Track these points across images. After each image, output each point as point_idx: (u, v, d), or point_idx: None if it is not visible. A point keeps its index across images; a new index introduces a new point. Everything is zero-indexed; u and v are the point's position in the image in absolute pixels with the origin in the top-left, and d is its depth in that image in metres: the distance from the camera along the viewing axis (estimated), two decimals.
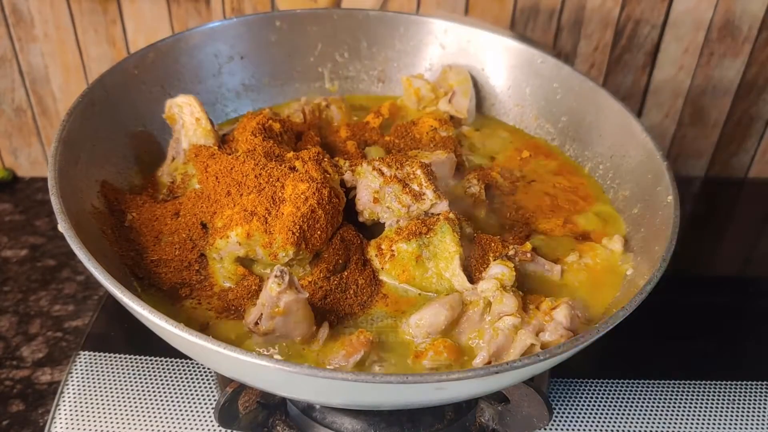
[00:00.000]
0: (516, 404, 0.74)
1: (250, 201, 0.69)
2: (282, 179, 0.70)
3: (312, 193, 0.69)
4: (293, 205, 0.68)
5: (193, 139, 0.78)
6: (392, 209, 0.73)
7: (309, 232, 0.69)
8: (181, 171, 0.80)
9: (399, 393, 0.59)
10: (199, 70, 0.92)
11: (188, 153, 0.78)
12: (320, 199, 0.69)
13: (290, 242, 0.67)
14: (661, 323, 0.96)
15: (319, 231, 0.69)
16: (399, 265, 0.72)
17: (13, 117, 1.21)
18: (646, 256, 0.72)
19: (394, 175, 0.74)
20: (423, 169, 0.74)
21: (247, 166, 0.72)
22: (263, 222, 0.68)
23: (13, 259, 1.07)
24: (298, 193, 0.69)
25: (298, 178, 0.70)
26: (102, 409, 0.82)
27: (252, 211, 0.68)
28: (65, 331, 0.97)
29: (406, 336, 0.68)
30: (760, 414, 0.86)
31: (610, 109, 0.86)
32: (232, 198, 0.71)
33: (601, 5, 1.11)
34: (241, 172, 0.72)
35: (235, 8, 1.11)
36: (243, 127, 0.79)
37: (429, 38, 0.98)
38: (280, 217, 0.68)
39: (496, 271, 0.70)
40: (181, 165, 0.80)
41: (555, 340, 0.66)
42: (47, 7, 1.10)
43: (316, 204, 0.69)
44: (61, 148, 0.70)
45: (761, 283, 1.10)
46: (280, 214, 0.69)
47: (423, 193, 0.73)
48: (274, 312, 0.63)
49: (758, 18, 1.13)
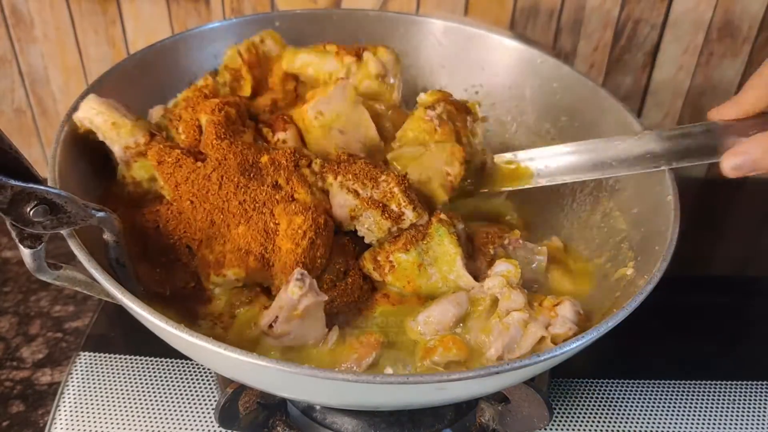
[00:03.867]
0: (516, 404, 0.74)
1: (241, 236, 0.67)
2: (269, 204, 0.68)
3: (309, 226, 0.67)
4: (292, 241, 0.66)
5: (122, 142, 0.72)
6: (372, 231, 0.72)
7: (310, 264, 0.67)
8: (139, 176, 0.74)
9: (399, 393, 0.59)
10: (199, 71, 0.92)
11: (150, 159, 0.72)
12: (317, 229, 0.67)
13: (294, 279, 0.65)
14: (661, 323, 0.96)
15: (320, 259, 0.68)
16: (403, 277, 0.71)
17: (13, 118, 1.21)
18: (646, 256, 0.72)
19: (371, 197, 0.71)
20: (400, 186, 0.71)
21: (225, 190, 0.68)
22: (260, 259, 0.66)
23: (14, 260, 1.07)
24: (295, 228, 0.67)
25: (292, 210, 0.67)
26: (102, 410, 0.82)
27: (246, 250, 0.66)
28: (65, 332, 0.97)
29: (413, 334, 0.68)
30: (760, 414, 0.86)
31: (610, 109, 0.86)
32: (219, 229, 0.67)
33: (600, 5, 1.11)
34: (220, 197, 0.68)
35: (234, 8, 1.11)
36: (191, 107, 0.75)
37: (429, 38, 0.98)
38: (278, 253, 0.66)
39: (501, 268, 0.70)
40: (135, 168, 0.74)
41: (564, 332, 0.66)
42: (47, 8, 1.10)
43: (315, 236, 0.67)
44: (61, 149, 0.70)
45: (761, 283, 1.10)
46: (277, 248, 0.67)
47: (402, 213, 0.71)
48: (293, 315, 0.62)
49: (758, 18, 1.13)
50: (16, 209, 0.54)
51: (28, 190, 0.54)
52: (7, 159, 0.52)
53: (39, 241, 0.59)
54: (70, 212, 0.58)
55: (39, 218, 0.55)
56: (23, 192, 0.53)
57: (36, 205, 0.55)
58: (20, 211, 0.54)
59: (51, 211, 0.56)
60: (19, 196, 0.53)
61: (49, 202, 0.56)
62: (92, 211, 0.61)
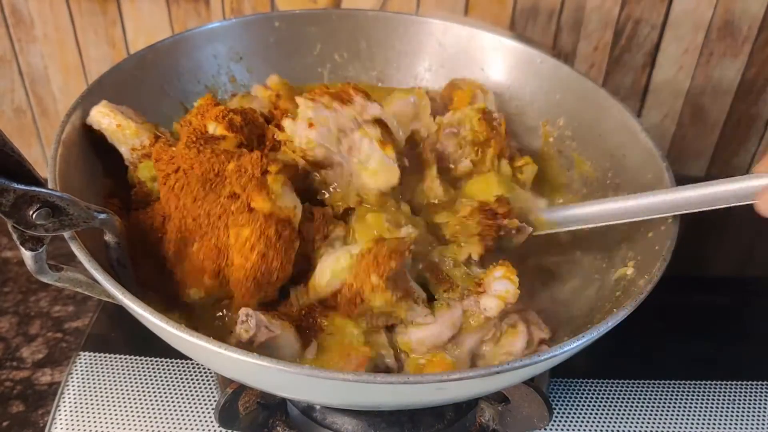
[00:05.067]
0: (516, 404, 0.74)
1: (195, 253, 0.65)
2: (224, 217, 0.65)
3: (257, 238, 0.63)
4: (241, 255, 0.64)
5: (128, 144, 0.75)
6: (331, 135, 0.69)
7: (265, 278, 0.64)
8: (143, 176, 0.75)
9: (400, 393, 0.59)
10: (198, 71, 0.92)
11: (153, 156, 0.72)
12: (267, 241, 0.64)
13: (248, 295, 0.64)
14: (661, 323, 0.96)
15: (277, 272, 0.65)
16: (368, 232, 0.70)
17: (13, 118, 1.21)
18: (646, 255, 0.72)
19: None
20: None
21: (184, 203, 0.66)
22: (216, 276, 0.65)
23: (14, 260, 1.07)
24: (242, 241, 0.64)
25: (239, 222, 0.64)
26: (102, 410, 0.82)
27: (201, 268, 0.65)
28: (65, 332, 0.97)
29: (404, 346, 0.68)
30: (760, 414, 0.86)
31: (610, 109, 0.86)
32: (182, 245, 0.66)
33: (600, 5, 1.11)
34: (182, 211, 0.66)
35: (234, 9, 1.11)
36: (201, 114, 0.73)
37: (429, 39, 0.98)
38: (231, 268, 0.64)
39: (499, 288, 0.69)
40: (140, 169, 0.75)
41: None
42: (47, 8, 1.10)
43: (265, 248, 0.64)
44: (61, 149, 0.70)
45: (761, 283, 1.10)
46: (230, 263, 0.64)
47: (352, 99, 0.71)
48: (252, 348, 0.61)
49: (758, 18, 1.13)
50: (19, 212, 0.54)
51: (31, 193, 0.54)
52: (9, 162, 0.52)
53: (40, 243, 0.59)
54: (72, 214, 0.58)
55: (41, 221, 0.55)
56: (26, 195, 0.53)
57: (39, 208, 0.55)
58: (23, 213, 0.54)
59: (53, 213, 0.56)
60: (21, 199, 0.53)
61: (52, 204, 0.56)
62: (94, 213, 0.61)
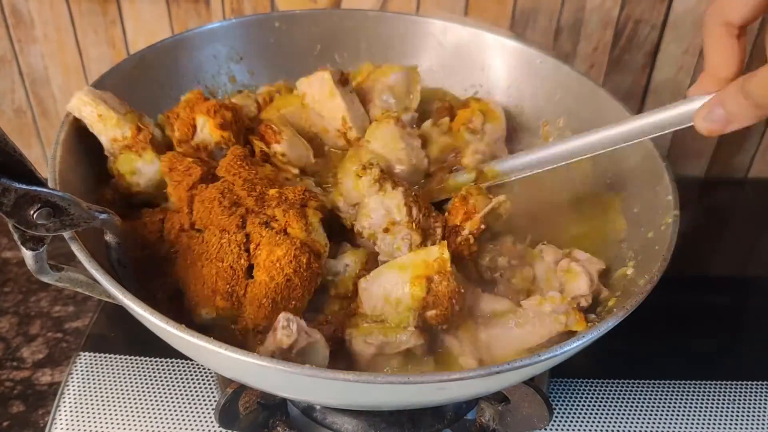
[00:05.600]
0: (516, 404, 0.74)
1: (208, 273, 0.64)
2: (254, 238, 0.65)
3: (288, 261, 0.63)
4: (267, 274, 0.63)
5: (108, 134, 0.73)
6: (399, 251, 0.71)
7: (282, 302, 0.64)
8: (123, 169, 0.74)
9: (401, 393, 0.59)
10: (198, 71, 0.92)
11: (161, 167, 0.72)
12: (298, 267, 0.64)
13: (261, 316, 0.63)
14: (661, 323, 0.96)
15: (294, 302, 0.64)
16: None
17: (13, 118, 1.21)
18: (646, 255, 0.72)
19: (418, 222, 0.71)
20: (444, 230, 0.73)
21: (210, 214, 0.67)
22: (228, 299, 0.64)
23: (14, 260, 1.07)
24: (273, 259, 0.63)
25: (275, 241, 0.64)
26: (102, 410, 0.82)
27: (213, 288, 0.64)
28: (65, 332, 0.97)
29: None
30: (760, 414, 0.86)
31: (610, 108, 0.86)
32: (195, 261, 0.66)
33: (600, 5, 1.11)
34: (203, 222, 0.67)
35: (234, 9, 1.11)
36: (189, 107, 0.75)
37: (428, 39, 0.98)
38: (251, 286, 0.64)
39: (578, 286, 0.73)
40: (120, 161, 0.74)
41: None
42: (47, 9, 1.10)
43: (293, 273, 0.63)
44: (61, 150, 0.70)
45: (761, 283, 1.10)
46: (250, 283, 0.64)
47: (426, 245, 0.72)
48: (288, 357, 0.61)
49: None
50: (20, 212, 0.54)
51: (32, 193, 0.54)
52: (11, 162, 0.52)
53: (41, 243, 0.59)
54: (73, 214, 0.58)
55: (42, 221, 0.55)
56: (27, 195, 0.53)
57: (39, 207, 0.55)
58: (24, 213, 0.54)
59: (54, 213, 0.56)
60: (22, 198, 0.53)
61: (53, 204, 0.56)
62: (95, 213, 0.61)
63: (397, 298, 0.66)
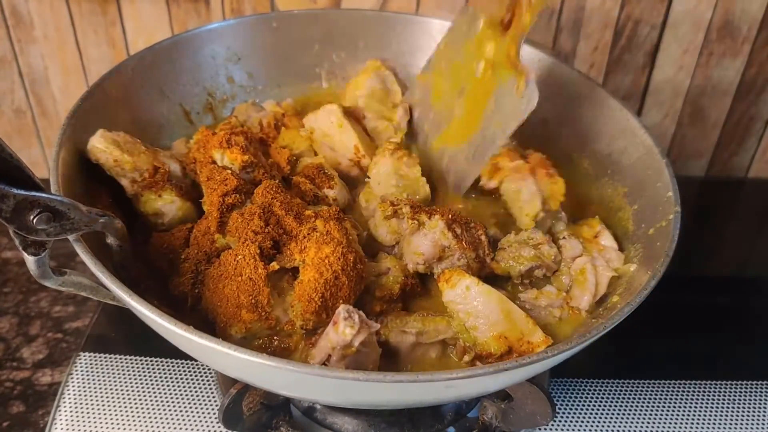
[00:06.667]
0: (519, 402, 0.74)
1: (229, 290, 0.65)
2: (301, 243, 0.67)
3: (337, 258, 0.65)
4: (316, 271, 0.64)
5: (128, 176, 0.74)
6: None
7: (331, 299, 0.64)
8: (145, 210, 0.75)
9: (409, 392, 0.59)
10: (197, 72, 0.92)
11: (200, 178, 0.75)
12: (345, 265, 0.65)
13: (311, 311, 0.64)
14: (661, 323, 0.96)
15: (342, 300, 0.65)
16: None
17: (13, 118, 1.21)
18: (648, 252, 0.72)
19: (464, 239, 0.72)
20: (486, 235, 0.75)
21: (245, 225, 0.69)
22: (254, 310, 0.64)
23: (14, 260, 1.07)
24: (322, 257, 0.65)
25: (323, 240, 0.66)
26: (102, 410, 0.82)
27: (236, 303, 0.65)
28: (65, 333, 0.97)
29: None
30: (760, 414, 0.86)
31: (609, 108, 0.86)
32: (217, 281, 0.67)
33: (600, 5, 1.11)
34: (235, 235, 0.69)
35: (234, 9, 1.11)
36: (202, 147, 0.77)
37: (427, 38, 0.98)
38: (300, 284, 0.65)
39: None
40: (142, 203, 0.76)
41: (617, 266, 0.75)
42: (47, 9, 1.10)
43: (340, 270, 0.65)
44: (63, 152, 0.70)
45: (761, 283, 1.10)
46: (299, 281, 0.65)
47: (484, 260, 0.74)
48: (348, 352, 0.61)
49: (757, 18, 1.13)
50: (20, 217, 0.54)
51: (31, 199, 0.54)
52: (9, 168, 0.52)
53: (43, 248, 0.58)
54: (73, 218, 0.58)
55: (42, 226, 0.55)
56: (26, 200, 0.53)
57: (39, 212, 0.54)
58: (24, 219, 0.54)
59: (54, 218, 0.56)
60: (22, 204, 0.53)
61: (53, 209, 0.55)
62: (96, 216, 0.60)
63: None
